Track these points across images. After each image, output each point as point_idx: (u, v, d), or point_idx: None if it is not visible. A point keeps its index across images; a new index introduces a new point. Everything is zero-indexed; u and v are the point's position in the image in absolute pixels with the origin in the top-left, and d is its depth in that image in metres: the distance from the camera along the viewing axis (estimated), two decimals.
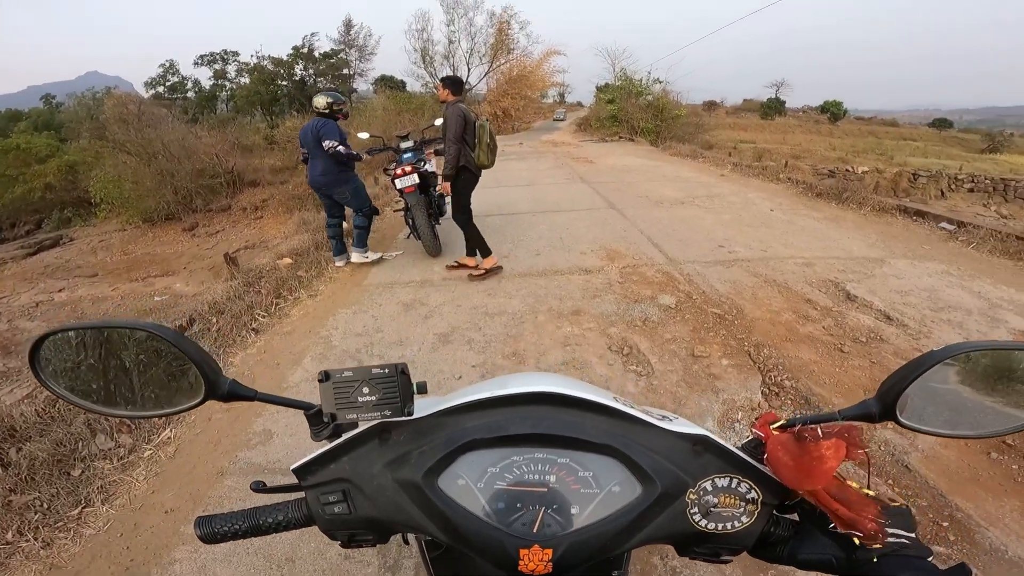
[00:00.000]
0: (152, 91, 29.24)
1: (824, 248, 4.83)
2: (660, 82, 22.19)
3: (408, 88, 24.06)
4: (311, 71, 28.60)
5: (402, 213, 5.15)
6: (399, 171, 4.61)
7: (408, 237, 5.38)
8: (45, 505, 2.28)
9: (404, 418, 0.58)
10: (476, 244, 4.35)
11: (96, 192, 13.96)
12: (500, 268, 4.45)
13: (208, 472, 2.37)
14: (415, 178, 4.63)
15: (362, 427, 0.61)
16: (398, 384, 0.58)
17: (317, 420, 0.64)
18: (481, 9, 23.20)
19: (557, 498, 0.54)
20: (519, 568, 0.52)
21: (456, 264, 4.53)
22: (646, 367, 2.88)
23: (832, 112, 54.25)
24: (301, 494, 0.64)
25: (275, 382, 2.96)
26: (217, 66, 29.08)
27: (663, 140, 16.83)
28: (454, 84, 4.21)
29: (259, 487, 0.64)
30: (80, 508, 2.26)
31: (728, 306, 3.60)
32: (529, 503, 0.54)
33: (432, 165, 5.20)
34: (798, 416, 0.55)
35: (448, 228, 5.34)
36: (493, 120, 18.33)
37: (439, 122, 6.75)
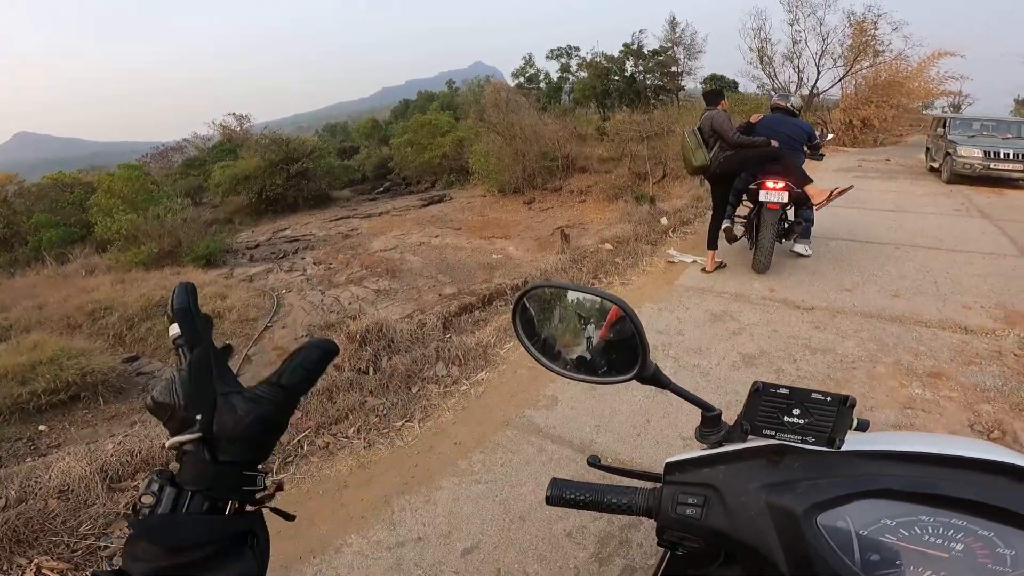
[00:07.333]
0: (516, 80, 34.95)
1: None
2: None
3: (741, 89, 22.21)
4: (640, 67, 29.38)
5: (744, 218, 4.66)
6: (768, 181, 4.06)
7: (739, 238, 4.81)
8: (384, 412, 2.68)
9: (825, 449, 0.55)
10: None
11: (473, 163, 18.16)
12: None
13: (497, 420, 2.63)
14: (785, 197, 4.03)
15: (753, 442, 0.60)
16: (836, 415, 0.55)
17: (713, 423, 0.65)
18: (834, 7, 19.30)
19: (953, 567, 0.49)
20: None
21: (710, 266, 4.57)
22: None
23: None
24: (640, 483, 0.66)
25: None
26: (563, 60, 32.64)
27: None
28: (704, 96, 4.66)
29: (595, 462, 0.67)
30: (403, 421, 2.62)
31: None
32: (913, 563, 0.50)
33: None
34: None
35: (781, 249, 4.74)
36: (848, 130, 15.53)
37: (829, 137, 6.02)
